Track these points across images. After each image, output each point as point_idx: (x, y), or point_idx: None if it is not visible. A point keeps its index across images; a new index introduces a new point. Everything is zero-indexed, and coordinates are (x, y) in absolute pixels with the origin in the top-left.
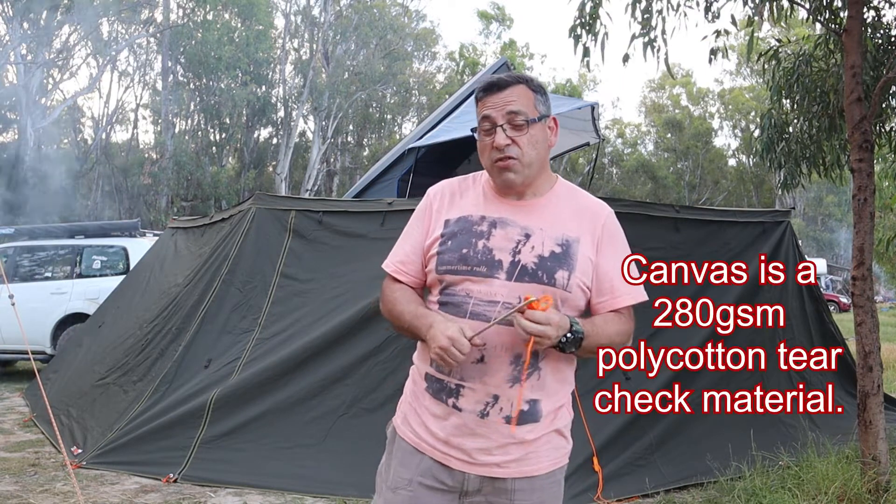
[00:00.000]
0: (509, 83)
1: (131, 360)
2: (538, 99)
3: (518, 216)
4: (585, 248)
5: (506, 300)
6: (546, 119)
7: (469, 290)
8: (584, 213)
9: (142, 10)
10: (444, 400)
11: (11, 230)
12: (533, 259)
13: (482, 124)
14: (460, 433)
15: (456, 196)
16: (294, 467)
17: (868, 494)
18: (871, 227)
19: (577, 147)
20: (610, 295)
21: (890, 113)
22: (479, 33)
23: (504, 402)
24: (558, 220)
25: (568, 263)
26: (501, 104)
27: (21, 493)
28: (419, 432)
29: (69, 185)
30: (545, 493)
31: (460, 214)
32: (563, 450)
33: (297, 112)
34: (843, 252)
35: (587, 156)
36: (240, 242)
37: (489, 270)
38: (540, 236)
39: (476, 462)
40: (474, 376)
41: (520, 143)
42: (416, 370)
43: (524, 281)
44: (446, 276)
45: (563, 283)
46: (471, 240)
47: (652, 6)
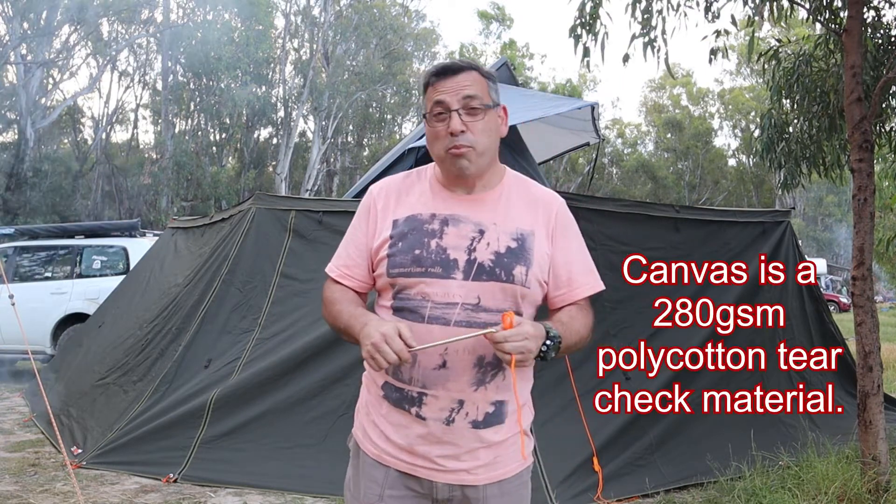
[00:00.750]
0: (463, 68)
1: (131, 360)
2: (490, 86)
3: (470, 212)
4: (541, 241)
5: (464, 301)
6: (498, 108)
7: (425, 294)
8: (537, 204)
9: (142, 10)
10: (405, 409)
11: (11, 230)
12: (489, 256)
13: (434, 110)
14: (426, 442)
15: (402, 194)
16: (294, 467)
17: (868, 494)
18: (871, 227)
19: (577, 147)
20: (567, 287)
21: (890, 113)
22: (479, 33)
23: (470, 407)
24: (511, 213)
25: (525, 258)
26: (456, 89)
27: (21, 493)
28: (379, 444)
29: (69, 185)
30: (514, 495)
31: (409, 213)
32: (527, 448)
33: (297, 112)
34: (843, 252)
35: (587, 156)
36: (240, 242)
37: (445, 271)
38: (494, 232)
39: (444, 469)
40: (437, 383)
41: (474, 130)
42: (371, 379)
43: (482, 279)
44: (399, 280)
45: (522, 279)
46: (422, 239)
47: (652, 6)
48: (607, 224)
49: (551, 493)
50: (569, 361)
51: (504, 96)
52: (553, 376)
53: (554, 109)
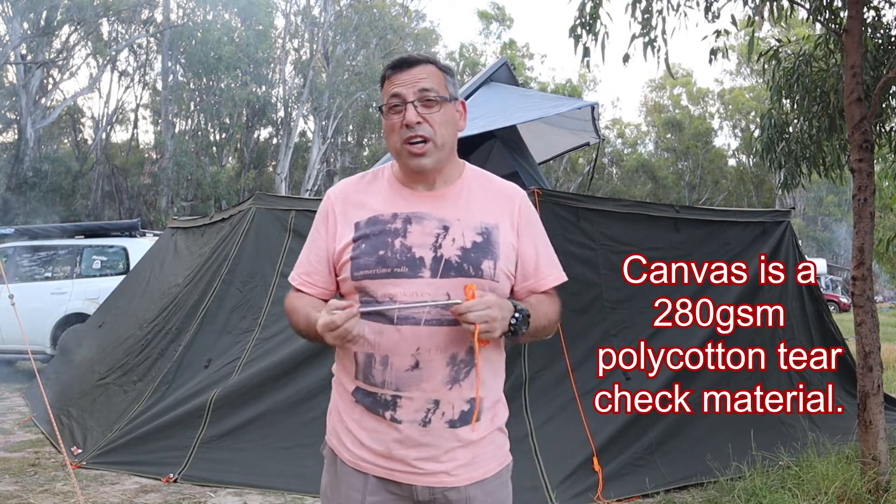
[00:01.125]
0: (419, 61)
1: (131, 360)
2: (448, 80)
3: (432, 208)
4: (506, 233)
5: (433, 299)
6: (455, 101)
7: (391, 294)
8: (499, 198)
9: (142, 10)
10: (380, 414)
11: (11, 230)
12: (456, 252)
13: (390, 102)
14: (402, 446)
15: (360, 195)
16: (294, 467)
17: (868, 494)
18: (871, 227)
19: (577, 147)
20: (535, 278)
21: (890, 113)
22: (479, 33)
23: (446, 406)
24: (474, 208)
25: (492, 252)
26: (412, 81)
27: (21, 493)
28: (355, 451)
29: (69, 185)
30: (496, 495)
31: (370, 215)
32: (506, 447)
33: (297, 112)
34: (843, 252)
35: (587, 156)
36: (240, 242)
37: (411, 270)
38: (459, 227)
39: (423, 472)
40: (410, 384)
41: (432, 122)
42: (341, 385)
43: (450, 276)
44: (364, 282)
45: (490, 272)
46: (386, 240)
47: (652, 6)
48: (607, 224)
49: (551, 493)
50: (569, 361)
51: (504, 96)
52: (553, 376)
53: (554, 109)
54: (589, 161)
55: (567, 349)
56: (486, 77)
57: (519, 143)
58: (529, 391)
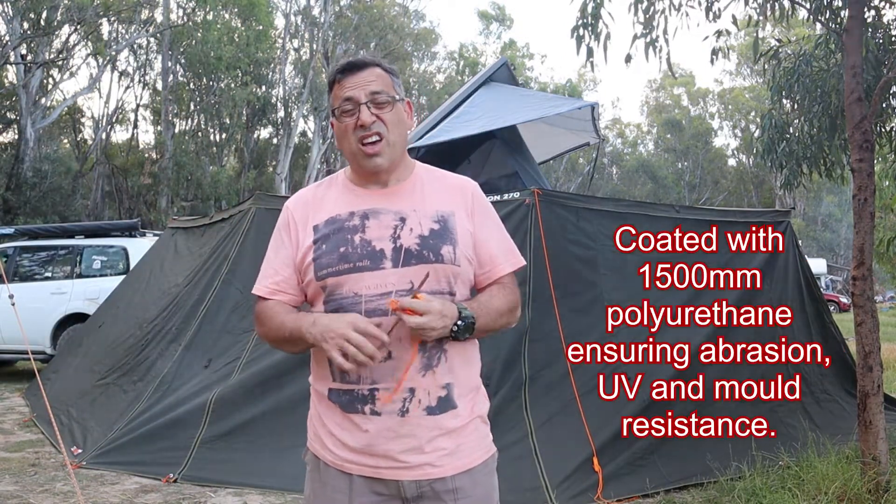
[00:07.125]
0: (367, 64)
1: (131, 360)
2: (394, 81)
3: (388, 203)
4: (462, 220)
5: (398, 288)
6: (403, 101)
7: (356, 290)
8: (452, 189)
9: (142, 10)
10: (358, 410)
11: (11, 230)
12: (415, 240)
13: (343, 106)
14: (384, 439)
15: (318, 200)
16: (294, 467)
17: (868, 494)
18: (871, 227)
19: (577, 147)
20: (490, 265)
21: (890, 113)
22: (480, 33)
23: (422, 394)
24: (429, 198)
25: (450, 238)
26: (362, 84)
27: (21, 493)
28: (337, 452)
29: (69, 185)
30: (485, 485)
31: (328, 216)
32: (489, 437)
33: (297, 112)
34: (843, 252)
35: (587, 156)
36: (240, 242)
37: (373, 262)
38: (415, 217)
39: (408, 465)
40: (386, 375)
41: (385, 121)
42: (316, 392)
43: (411, 264)
44: (328, 280)
45: (451, 257)
46: (346, 236)
47: (654, 6)
48: (607, 224)
49: (551, 493)
50: (569, 362)
51: (504, 96)
52: (553, 376)
53: (554, 109)
54: (589, 161)
55: (567, 349)
56: (486, 77)
57: (519, 144)
58: (529, 391)
